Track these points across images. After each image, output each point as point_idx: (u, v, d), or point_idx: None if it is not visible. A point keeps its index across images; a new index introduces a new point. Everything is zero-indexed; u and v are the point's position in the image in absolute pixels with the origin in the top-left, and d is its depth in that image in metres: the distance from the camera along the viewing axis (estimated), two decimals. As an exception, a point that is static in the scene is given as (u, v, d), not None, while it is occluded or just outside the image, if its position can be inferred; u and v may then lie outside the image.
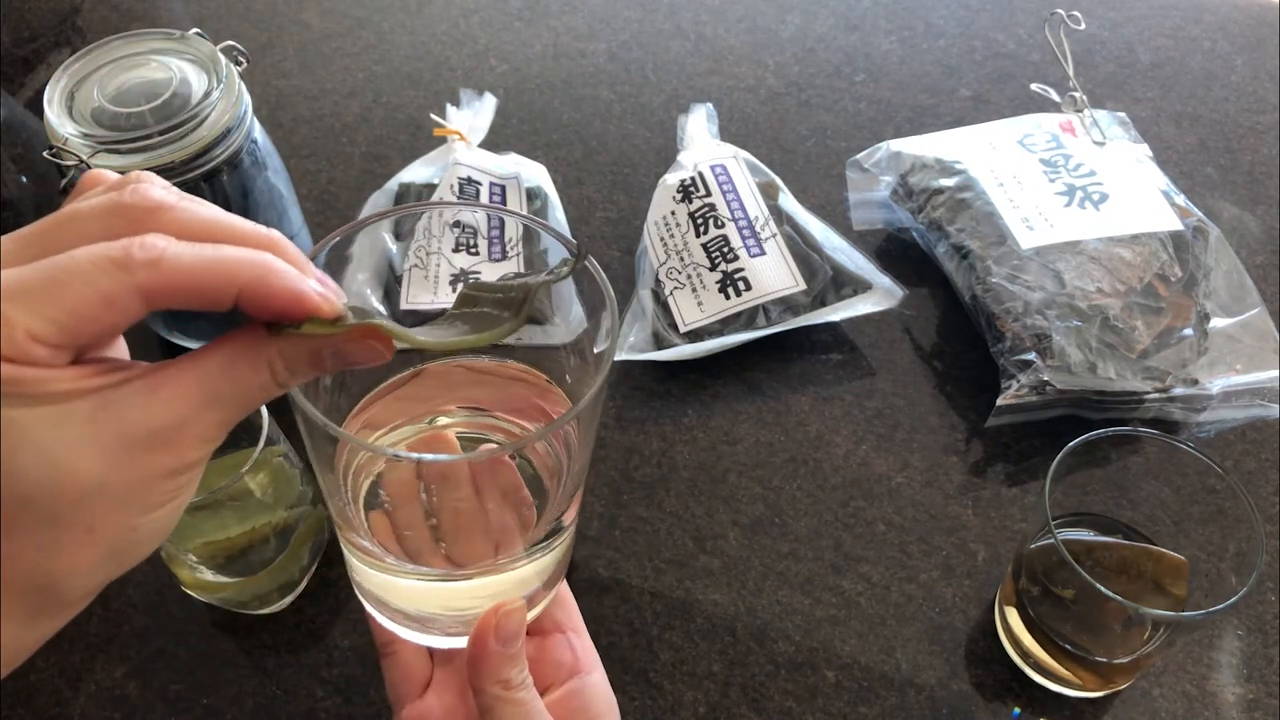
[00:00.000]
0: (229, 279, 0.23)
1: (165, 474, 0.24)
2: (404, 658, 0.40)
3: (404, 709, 0.40)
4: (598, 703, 0.39)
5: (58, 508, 0.22)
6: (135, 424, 0.23)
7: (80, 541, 0.23)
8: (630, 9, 0.86)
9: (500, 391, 0.39)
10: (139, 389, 0.23)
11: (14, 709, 0.49)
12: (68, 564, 0.23)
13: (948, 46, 0.83)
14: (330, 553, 0.54)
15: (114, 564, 0.24)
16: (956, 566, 0.54)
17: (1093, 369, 0.55)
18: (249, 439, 0.46)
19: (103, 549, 0.24)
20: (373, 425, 0.37)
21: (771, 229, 0.63)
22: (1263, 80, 0.80)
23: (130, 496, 0.23)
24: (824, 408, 0.60)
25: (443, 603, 0.37)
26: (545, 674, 0.39)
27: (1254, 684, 0.50)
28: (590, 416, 0.32)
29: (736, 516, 0.56)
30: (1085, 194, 0.62)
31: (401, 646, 0.40)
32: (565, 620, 0.41)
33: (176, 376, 0.24)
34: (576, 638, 0.41)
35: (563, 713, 0.38)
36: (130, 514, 0.24)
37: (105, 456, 0.23)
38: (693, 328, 0.61)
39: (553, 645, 0.40)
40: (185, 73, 0.54)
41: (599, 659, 0.41)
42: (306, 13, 0.86)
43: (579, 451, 0.34)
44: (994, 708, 0.49)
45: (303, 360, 0.25)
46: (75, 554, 0.23)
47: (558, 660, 0.40)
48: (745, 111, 0.77)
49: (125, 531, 0.24)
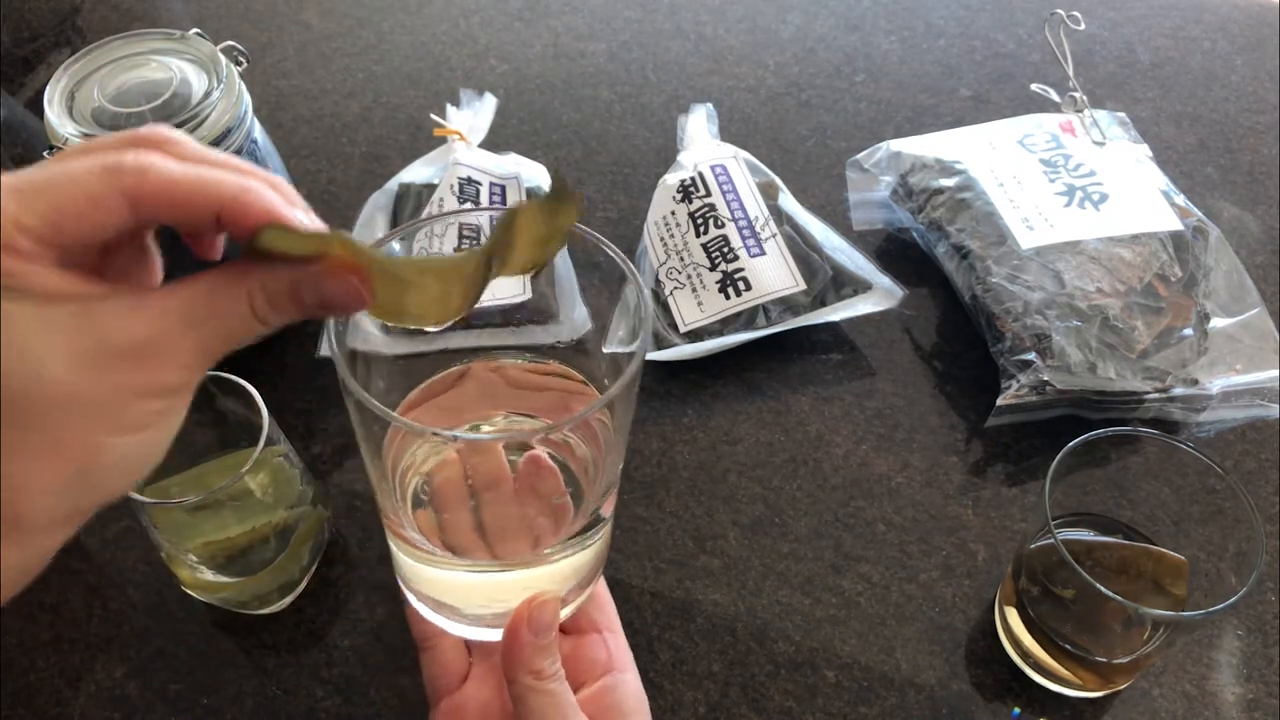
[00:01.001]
0: (211, 194, 0.24)
1: (139, 392, 0.24)
2: (443, 652, 0.41)
3: (442, 701, 0.40)
4: (629, 701, 0.40)
5: (28, 408, 0.22)
6: (113, 334, 0.23)
7: (47, 452, 0.23)
8: (630, 9, 0.86)
9: (540, 397, 0.39)
10: (122, 303, 0.24)
11: (14, 709, 0.49)
12: (33, 476, 0.23)
13: (948, 46, 0.83)
14: (330, 553, 0.54)
15: (82, 489, 0.24)
16: (956, 566, 0.54)
17: (1093, 369, 0.55)
18: (249, 439, 0.46)
19: (69, 466, 0.23)
20: None
21: (771, 229, 0.63)
22: (1263, 80, 0.80)
23: (101, 410, 0.23)
24: (824, 408, 0.60)
25: (485, 595, 0.38)
26: (580, 671, 0.40)
27: (1254, 684, 0.50)
28: (624, 409, 0.32)
29: (736, 516, 0.56)
30: (1085, 194, 0.62)
31: (440, 641, 0.41)
32: (601, 620, 0.42)
33: (160, 298, 0.24)
34: (612, 637, 0.42)
35: (594, 709, 0.39)
36: (100, 429, 0.24)
37: (80, 362, 0.23)
38: (693, 328, 0.61)
39: (588, 644, 0.41)
40: (185, 73, 0.54)
41: (633, 659, 0.41)
42: (306, 13, 0.86)
43: (613, 444, 0.34)
44: (994, 708, 0.49)
45: (283, 294, 0.26)
46: (41, 465, 0.23)
47: (592, 658, 0.41)
48: (745, 111, 0.77)
49: (93, 450, 0.23)
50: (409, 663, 0.50)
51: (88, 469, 0.24)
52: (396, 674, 0.50)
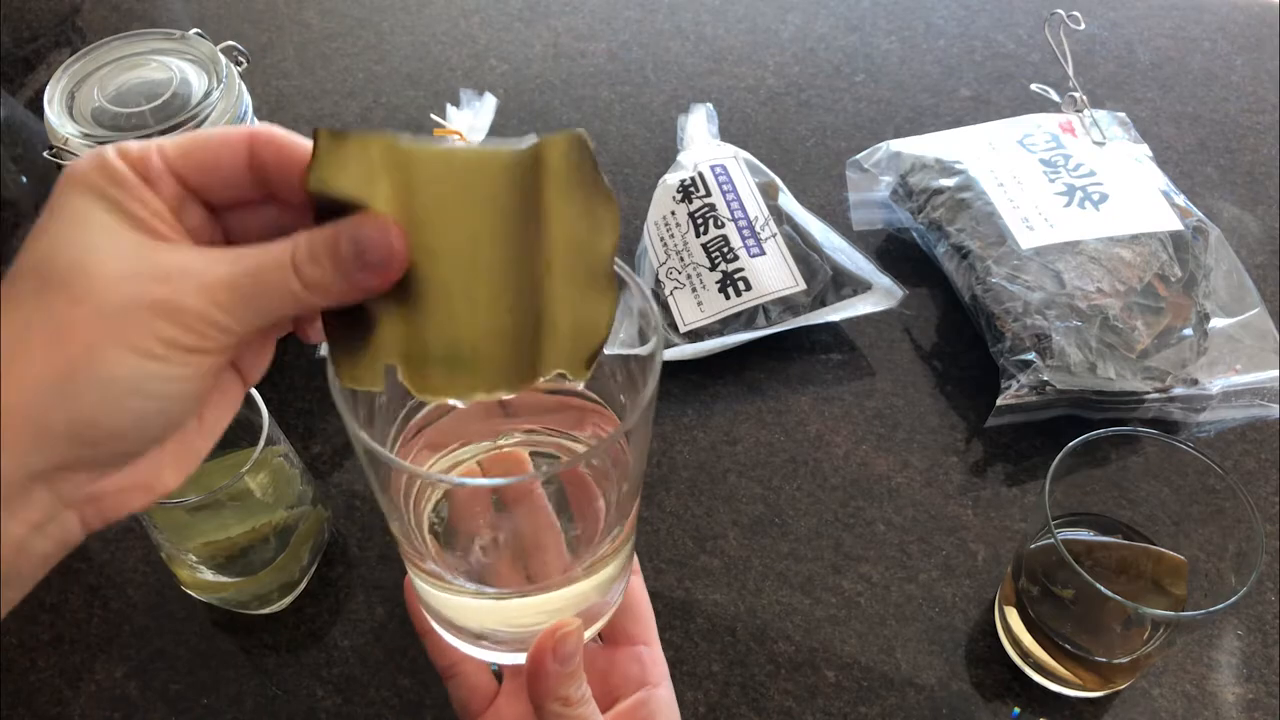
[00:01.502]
0: (239, 132, 0.27)
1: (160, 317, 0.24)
2: (469, 676, 0.41)
3: None
4: (660, 716, 0.40)
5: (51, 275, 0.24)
6: (161, 262, 0.25)
7: (51, 333, 0.23)
8: (630, 9, 0.86)
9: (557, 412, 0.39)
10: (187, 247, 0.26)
11: (14, 709, 0.49)
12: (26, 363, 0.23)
13: (948, 46, 0.83)
14: (330, 553, 0.54)
15: (62, 395, 0.23)
16: (956, 566, 0.54)
17: (1093, 369, 0.55)
18: (249, 439, 0.46)
19: (62, 359, 0.23)
20: (433, 446, 0.37)
21: (771, 229, 0.63)
22: (1263, 80, 0.80)
23: (118, 319, 0.24)
24: (824, 408, 0.60)
25: (507, 620, 0.37)
26: (614, 686, 0.40)
27: (1254, 684, 0.50)
28: (642, 429, 0.32)
29: (736, 516, 0.56)
30: (1085, 194, 0.62)
31: (465, 667, 0.41)
32: (638, 632, 0.42)
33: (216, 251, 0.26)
34: (647, 650, 0.41)
35: None
36: (107, 336, 0.24)
37: (121, 269, 0.24)
38: (693, 328, 0.61)
39: (623, 658, 0.41)
40: (185, 73, 0.54)
41: (668, 673, 0.41)
42: (306, 13, 0.86)
43: (633, 464, 0.34)
44: (994, 708, 0.49)
45: (321, 244, 0.26)
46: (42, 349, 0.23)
47: (626, 673, 0.40)
48: (745, 111, 0.77)
49: (91, 353, 0.23)
50: (409, 663, 0.50)
51: (73, 371, 0.23)
52: (396, 674, 0.50)
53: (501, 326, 0.28)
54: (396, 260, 0.26)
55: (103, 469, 0.25)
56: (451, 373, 0.28)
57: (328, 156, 0.25)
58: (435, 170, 0.27)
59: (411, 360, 0.28)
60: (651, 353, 0.31)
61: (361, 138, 0.26)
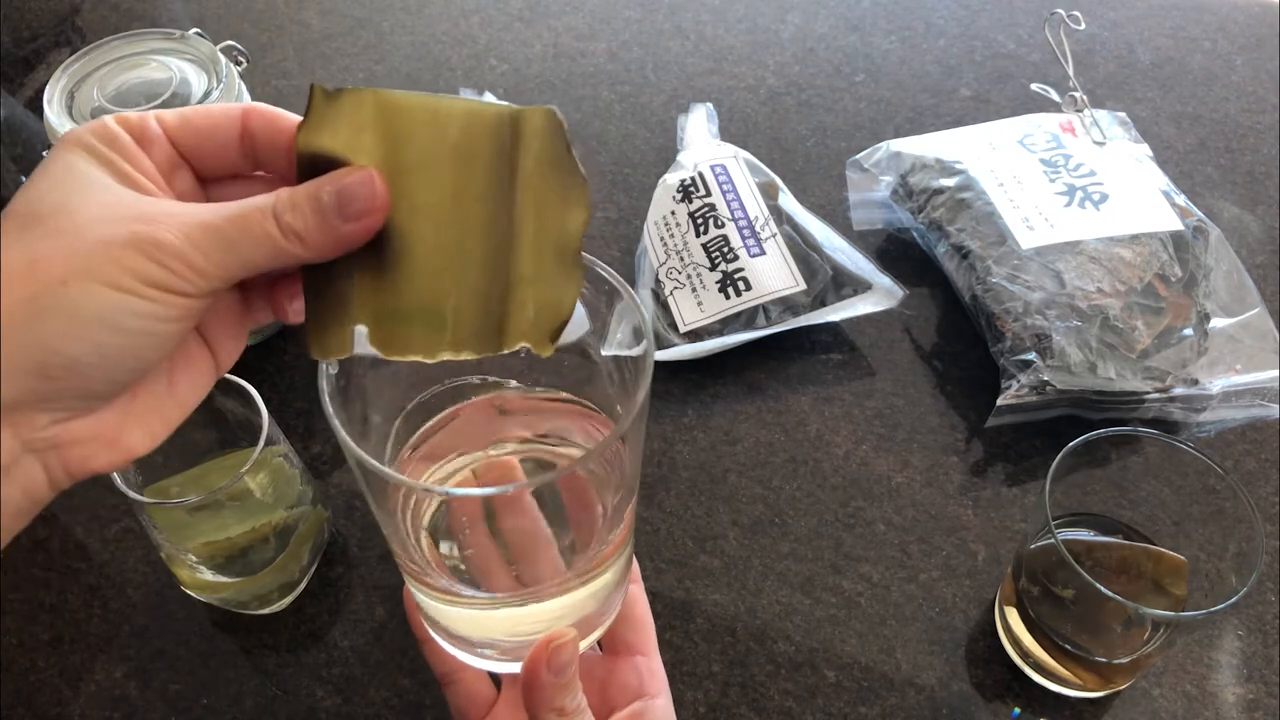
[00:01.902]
0: (236, 105, 0.28)
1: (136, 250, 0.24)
2: (468, 683, 0.41)
3: None
4: None
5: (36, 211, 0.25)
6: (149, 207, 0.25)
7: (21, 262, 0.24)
8: (630, 9, 0.86)
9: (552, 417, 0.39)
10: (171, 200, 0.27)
11: (14, 709, 0.49)
12: None
13: (948, 46, 0.83)
14: (330, 553, 0.54)
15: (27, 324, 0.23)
16: (956, 566, 0.54)
17: (1093, 369, 0.55)
18: (249, 439, 0.46)
19: (30, 288, 0.23)
20: (431, 457, 0.37)
21: (771, 229, 0.63)
22: (1263, 80, 0.80)
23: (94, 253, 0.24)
24: (824, 408, 0.60)
25: (504, 629, 0.37)
26: (612, 697, 0.40)
27: (1254, 684, 0.50)
28: (636, 433, 0.32)
29: (736, 516, 0.56)
30: (1085, 194, 0.62)
31: (464, 674, 0.41)
32: (637, 642, 0.42)
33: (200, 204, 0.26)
34: (645, 661, 0.41)
35: None
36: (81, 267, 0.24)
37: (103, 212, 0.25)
38: (693, 328, 0.61)
39: (621, 668, 0.41)
40: (185, 73, 0.54)
41: (666, 684, 0.41)
42: (306, 13, 0.86)
43: (628, 467, 0.34)
44: (994, 708, 0.49)
45: (304, 195, 0.26)
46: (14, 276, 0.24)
47: (624, 683, 0.40)
48: (745, 111, 0.77)
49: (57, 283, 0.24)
50: (409, 663, 0.50)
51: (39, 300, 0.23)
52: (396, 674, 0.50)
53: (476, 284, 0.28)
54: (379, 207, 0.27)
55: (65, 409, 0.25)
56: (423, 329, 0.29)
57: (321, 112, 0.26)
58: (423, 120, 0.27)
59: (381, 318, 0.28)
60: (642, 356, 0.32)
61: (356, 92, 0.26)
